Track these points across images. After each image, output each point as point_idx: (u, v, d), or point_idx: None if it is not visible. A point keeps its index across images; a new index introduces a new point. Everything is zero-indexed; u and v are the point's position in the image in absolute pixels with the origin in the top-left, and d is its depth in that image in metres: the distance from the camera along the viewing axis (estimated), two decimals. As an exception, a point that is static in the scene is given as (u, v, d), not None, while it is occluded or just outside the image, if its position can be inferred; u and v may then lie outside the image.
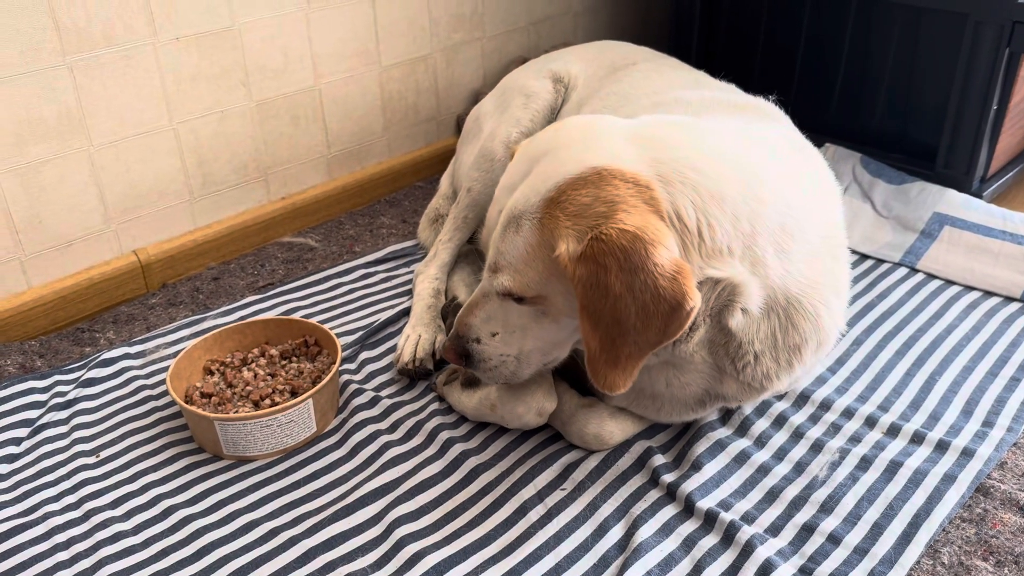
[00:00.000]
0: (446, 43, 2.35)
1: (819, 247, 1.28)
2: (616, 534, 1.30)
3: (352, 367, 1.65)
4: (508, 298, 1.25)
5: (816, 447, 1.43)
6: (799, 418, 1.49)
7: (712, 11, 2.53)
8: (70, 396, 1.58)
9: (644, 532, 1.28)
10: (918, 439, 1.44)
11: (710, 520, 1.30)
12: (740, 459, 1.41)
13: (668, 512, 1.32)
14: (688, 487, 1.34)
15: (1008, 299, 1.80)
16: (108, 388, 1.61)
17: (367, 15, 2.14)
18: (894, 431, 1.46)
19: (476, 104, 2.05)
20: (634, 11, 2.86)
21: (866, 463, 1.40)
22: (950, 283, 1.86)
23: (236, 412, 1.46)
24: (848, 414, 1.50)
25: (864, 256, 1.97)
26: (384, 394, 1.58)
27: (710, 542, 1.27)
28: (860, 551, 1.25)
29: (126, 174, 1.85)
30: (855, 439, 1.45)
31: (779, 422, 1.49)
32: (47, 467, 1.44)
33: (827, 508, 1.32)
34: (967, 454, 1.40)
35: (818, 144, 1.70)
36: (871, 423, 1.48)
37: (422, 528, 1.31)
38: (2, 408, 1.55)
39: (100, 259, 1.88)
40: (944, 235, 1.95)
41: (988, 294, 1.82)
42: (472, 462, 1.41)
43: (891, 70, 2.22)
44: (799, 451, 1.43)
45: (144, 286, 1.93)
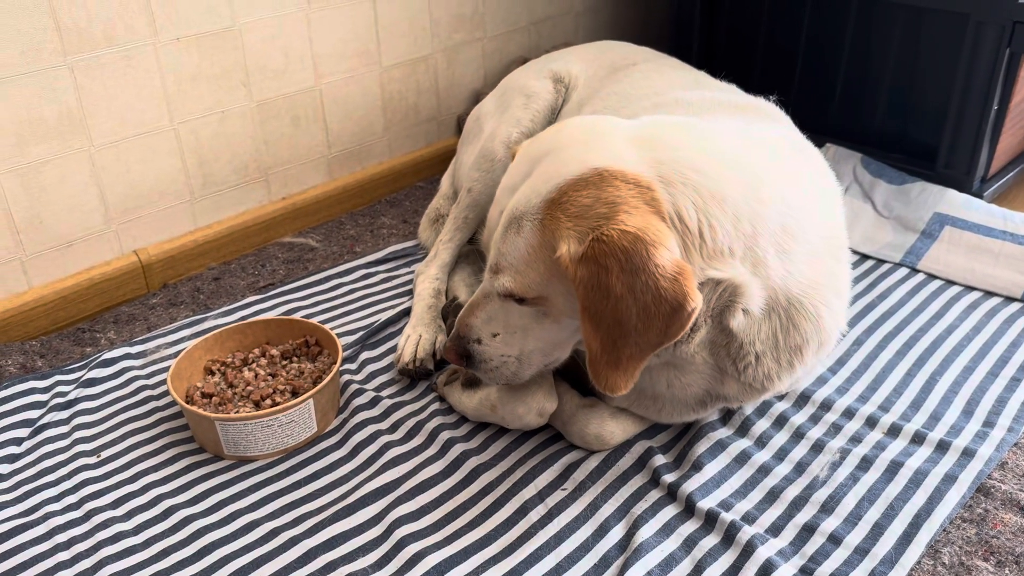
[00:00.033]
0: (447, 43, 2.35)
1: (820, 248, 1.28)
2: (617, 534, 1.30)
3: (353, 367, 1.65)
4: (509, 299, 1.25)
5: (817, 447, 1.44)
6: (800, 418, 1.50)
7: (713, 11, 2.53)
8: (71, 396, 1.58)
9: (645, 532, 1.28)
10: (919, 439, 1.44)
11: (711, 520, 1.30)
12: (741, 459, 1.41)
13: (669, 512, 1.32)
14: (689, 487, 1.34)
15: (1009, 299, 1.80)
16: (109, 388, 1.61)
17: (368, 15, 2.14)
18: (895, 431, 1.46)
19: (477, 104, 2.05)
20: (635, 11, 2.86)
21: (867, 463, 1.40)
22: (951, 283, 1.86)
23: (237, 412, 1.46)
24: (849, 414, 1.50)
25: (865, 256, 1.97)
26: (385, 394, 1.58)
27: (711, 542, 1.27)
28: (861, 551, 1.25)
29: (127, 174, 1.85)
30: (856, 439, 1.45)
31: (780, 422, 1.49)
32: (48, 467, 1.44)
33: (828, 508, 1.32)
34: (968, 454, 1.40)
35: (819, 144, 1.70)
36: (872, 423, 1.48)
37: (423, 528, 1.31)
38: (3, 408, 1.55)
39: (101, 259, 1.88)
40: (945, 235, 1.95)
41: (989, 294, 1.82)
42: (473, 462, 1.41)
43: (892, 70, 2.22)
44: (800, 451, 1.43)
45: (145, 286, 1.93)
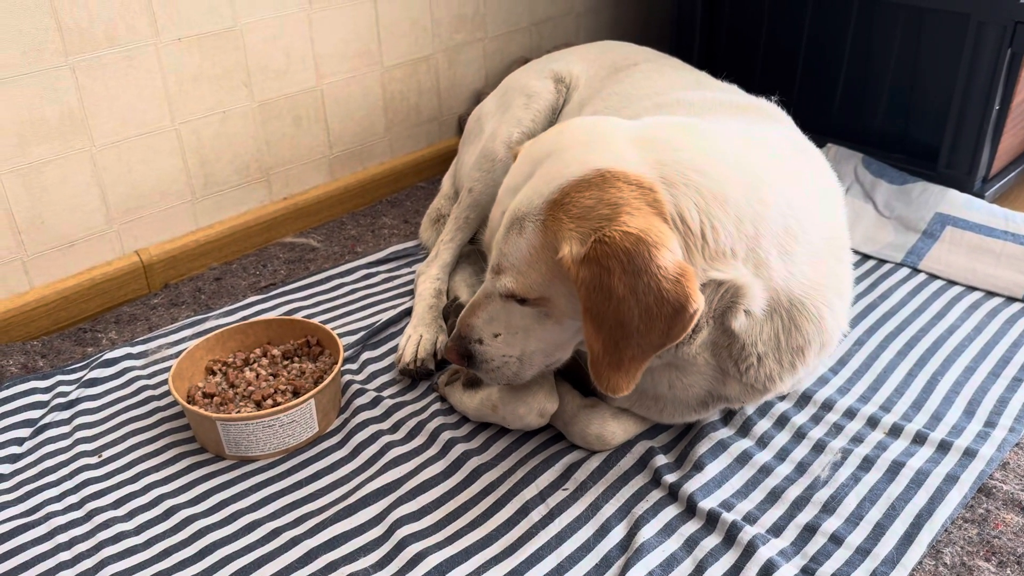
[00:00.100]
0: (448, 43, 2.35)
1: (822, 248, 1.28)
2: (618, 534, 1.30)
3: (354, 367, 1.65)
4: (511, 299, 1.25)
5: (818, 447, 1.44)
6: (801, 418, 1.50)
7: (714, 11, 2.53)
8: (72, 396, 1.58)
9: (646, 532, 1.28)
10: (920, 439, 1.44)
11: (712, 520, 1.30)
12: (742, 459, 1.41)
13: (670, 512, 1.32)
14: (690, 487, 1.34)
15: (1010, 299, 1.80)
16: (110, 388, 1.61)
17: (369, 16, 2.14)
18: (896, 431, 1.46)
19: (478, 104, 2.05)
20: (636, 12, 2.86)
21: (868, 463, 1.40)
22: (952, 283, 1.86)
23: (238, 412, 1.46)
24: (850, 414, 1.50)
25: (866, 256, 1.97)
26: (386, 394, 1.58)
27: (712, 542, 1.27)
28: (862, 551, 1.25)
29: (128, 174, 1.85)
30: (857, 439, 1.45)
31: (781, 422, 1.49)
32: (49, 467, 1.44)
33: (829, 508, 1.32)
34: (969, 454, 1.40)
35: (820, 144, 1.70)
36: (873, 423, 1.48)
37: (424, 528, 1.31)
38: (4, 408, 1.55)
39: (102, 259, 1.88)
40: (946, 235, 1.95)
41: (990, 294, 1.82)
42: (474, 462, 1.41)
43: (893, 70, 2.22)
44: (801, 451, 1.43)
45: (146, 286, 1.93)
